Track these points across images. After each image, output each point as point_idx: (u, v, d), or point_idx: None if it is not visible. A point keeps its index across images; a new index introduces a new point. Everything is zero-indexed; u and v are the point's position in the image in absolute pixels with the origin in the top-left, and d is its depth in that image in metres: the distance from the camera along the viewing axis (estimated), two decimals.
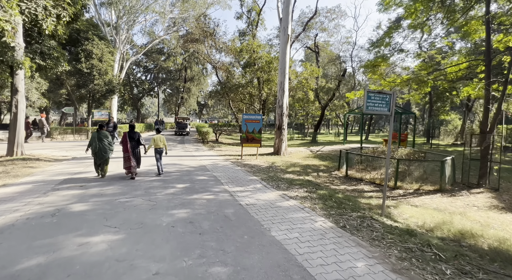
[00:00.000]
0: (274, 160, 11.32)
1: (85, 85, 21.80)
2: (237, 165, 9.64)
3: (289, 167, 10.11)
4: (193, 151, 13.32)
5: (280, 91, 12.76)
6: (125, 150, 6.81)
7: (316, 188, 6.78)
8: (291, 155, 13.14)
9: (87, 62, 21.47)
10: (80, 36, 22.10)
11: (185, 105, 42.79)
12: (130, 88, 40.04)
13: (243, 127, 11.21)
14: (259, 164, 10.31)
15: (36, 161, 8.86)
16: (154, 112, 79.92)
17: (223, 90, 19.93)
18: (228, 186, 6.37)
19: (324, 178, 8.91)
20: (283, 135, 12.79)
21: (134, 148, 7.00)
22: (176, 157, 11.16)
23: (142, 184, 6.22)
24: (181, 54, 38.46)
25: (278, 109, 12.86)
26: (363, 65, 12.48)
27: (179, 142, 18.55)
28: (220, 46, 21.70)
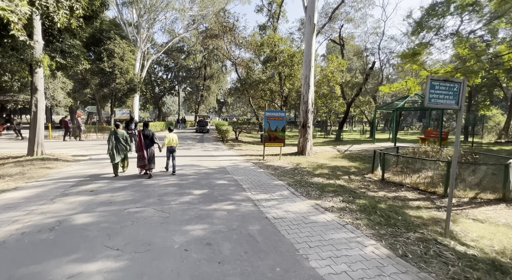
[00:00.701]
0: (299, 161, 10.40)
1: (108, 84, 22.08)
2: (259, 167, 8.84)
3: (316, 169, 9.15)
4: (212, 151, 12.72)
5: (304, 85, 11.76)
6: (140, 148, 6.78)
7: (353, 196, 5.81)
8: (316, 155, 12.12)
9: (109, 62, 21.69)
10: (103, 36, 22.37)
11: (205, 103, 42.74)
12: (151, 87, 40.65)
13: (265, 125, 10.39)
14: (283, 166, 9.45)
15: (54, 162, 8.64)
16: (175, 110, 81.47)
17: (242, 86, 19.20)
18: (251, 193, 5.58)
19: (357, 182, 7.88)
20: (308, 134, 11.80)
21: (148, 147, 6.89)
22: (195, 157, 10.59)
23: (156, 190, 5.61)
24: (200, 51, 38.33)
25: (302, 105, 11.87)
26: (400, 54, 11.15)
27: (198, 140, 18.13)
28: (240, 41, 20.95)
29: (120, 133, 6.88)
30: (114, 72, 21.89)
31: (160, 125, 27.94)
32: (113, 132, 6.82)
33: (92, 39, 22.60)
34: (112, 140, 6.71)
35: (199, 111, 45.06)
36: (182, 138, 19.67)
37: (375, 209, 4.90)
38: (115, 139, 6.76)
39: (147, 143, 6.89)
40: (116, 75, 22.04)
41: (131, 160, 8.14)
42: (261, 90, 18.36)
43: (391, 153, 8.92)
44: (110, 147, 6.66)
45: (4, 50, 7.98)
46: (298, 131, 12.03)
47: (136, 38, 26.93)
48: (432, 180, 7.61)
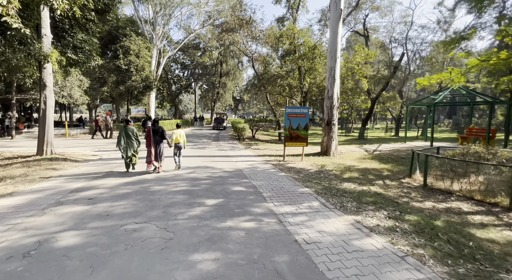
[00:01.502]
0: (324, 163, 9.33)
1: (124, 82, 21.93)
2: (279, 170, 7.88)
3: (344, 173, 8.05)
4: (228, 150, 11.90)
5: (329, 79, 10.61)
6: (148, 144, 6.89)
7: (399, 209, 4.71)
8: (342, 155, 10.96)
9: (125, 59, 21.50)
10: (119, 33, 22.21)
11: (221, 100, 42.24)
12: (168, 85, 40.68)
13: (286, 122, 9.39)
14: (306, 168, 8.43)
15: (61, 162, 8.16)
16: (192, 108, 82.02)
17: (260, 82, 18.24)
18: (273, 204, 4.65)
19: (395, 189, 6.74)
20: (333, 132, 10.66)
21: (157, 143, 6.98)
22: (209, 157, 9.80)
23: (162, 198, 4.81)
24: (216, 48, 37.75)
25: (327, 101, 10.73)
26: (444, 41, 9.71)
27: (214, 139, 17.42)
28: (257, 34, 19.97)
29: (130, 129, 6.92)
30: (130, 70, 21.68)
31: (176, 122, 27.63)
32: (123, 128, 6.89)
33: (108, 36, 22.54)
34: (123, 136, 6.78)
35: (215, 108, 44.66)
36: (197, 136, 19.08)
37: (435, 230, 3.80)
38: (125, 135, 6.82)
39: (157, 139, 6.95)
40: (132, 73, 21.82)
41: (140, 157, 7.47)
42: (280, 85, 17.31)
43: (436, 155, 7.61)
44: (122, 144, 6.74)
45: (9, 44, 7.56)
46: (322, 129, 10.94)
47: (152, 35, 26.69)
48: (486, 188, 6.32)
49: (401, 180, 7.81)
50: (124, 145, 6.76)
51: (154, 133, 6.94)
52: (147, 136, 6.89)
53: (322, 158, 10.27)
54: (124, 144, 6.76)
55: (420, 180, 7.87)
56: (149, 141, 6.86)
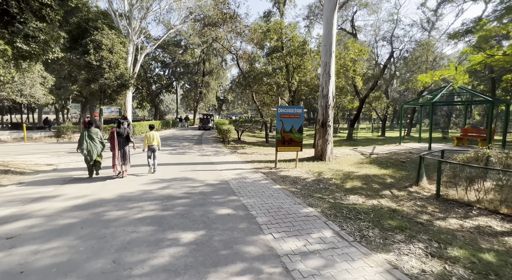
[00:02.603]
0: (320, 169, 8.26)
1: (95, 80, 19.86)
2: (273, 180, 6.68)
3: (345, 181, 7.02)
4: (211, 156, 10.55)
5: (324, 75, 9.57)
6: (113, 147, 6.50)
7: (432, 236, 3.66)
8: (338, 160, 9.97)
9: (96, 54, 19.48)
10: (89, 26, 20.13)
11: (204, 100, 40.51)
12: (147, 84, 38.43)
13: (278, 124, 8.22)
14: (302, 176, 7.31)
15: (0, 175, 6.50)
16: (174, 109, 79.17)
17: (245, 80, 17.00)
18: (272, 237, 3.43)
19: (407, 201, 5.80)
20: (328, 134, 9.63)
21: (122, 145, 6.62)
22: (189, 165, 8.42)
23: (117, 233, 3.44)
24: (198, 45, 36.08)
25: (321, 100, 9.69)
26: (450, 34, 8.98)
27: (196, 142, 15.95)
28: (242, 29, 18.71)
29: (94, 132, 6.49)
30: (102, 66, 19.67)
31: (155, 124, 25.74)
32: (86, 130, 6.43)
33: (78, 30, 20.40)
34: (86, 139, 6.31)
35: (198, 109, 42.85)
36: (177, 139, 17.51)
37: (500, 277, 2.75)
38: (88, 138, 6.36)
39: (121, 142, 6.61)
40: (105, 69, 19.82)
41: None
42: (267, 84, 16.17)
43: (450, 160, 6.72)
44: (84, 147, 6.25)
45: None
46: (316, 131, 9.91)
47: (127, 30, 24.68)
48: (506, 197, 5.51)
49: (409, 188, 6.90)
50: (87, 148, 6.30)
51: (119, 135, 6.60)
52: (111, 138, 6.51)
53: (317, 163, 9.21)
54: (87, 147, 6.30)
55: (429, 188, 7.01)
56: (113, 143, 6.48)
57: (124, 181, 6.20)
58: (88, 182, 6.09)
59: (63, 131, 17.29)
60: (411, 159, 10.07)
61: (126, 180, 6.35)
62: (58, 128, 17.06)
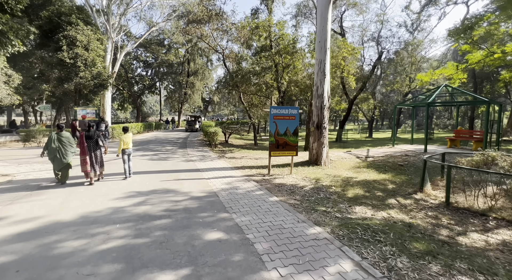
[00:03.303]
0: (317, 175, 7.59)
1: (69, 79, 18.29)
2: (268, 190, 5.89)
3: (346, 189, 6.38)
4: (197, 161, 9.62)
5: (319, 74, 8.93)
6: (82, 152, 6.15)
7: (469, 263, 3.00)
8: (333, 164, 9.35)
9: (70, 51, 17.93)
10: (62, 20, 18.55)
11: (189, 101, 39.19)
12: (129, 84, 36.63)
13: (271, 126, 7.45)
14: (299, 184, 6.59)
15: None
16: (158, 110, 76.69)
17: (232, 80, 16.16)
18: (279, 275, 2.63)
19: (416, 211, 5.25)
20: (324, 137, 8.99)
21: (92, 150, 6.27)
22: (172, 173, 7.46)
23: (67, 278, 2.52)
24: (183, 44, 34.83)
25: (316, 100, 9.04)
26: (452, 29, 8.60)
27: (180, 145, 14.89)
28: (228, 27, 17.86)
29: (65, 136, 6.10)
30: (76, 64, 18.15)
31: (137, 126, 24.29)
32: (55, 135, 6.03)
33: (49, 24, 18.76)
34: (55, 144, 5.93)
35: (183, 110, 41.45)
36: (160, 143, 16.36)
37: None
38: (58, 142, 5.98)
39: (91, 146, 6.25)
40: (79, 68, 18.31)
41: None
42: (255, 84, 15.42)
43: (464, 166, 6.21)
44: (51, 153, 5.90)
45: None
46: (311, 133, 9.25)
47: (106, 27, 23.16)
48: None
49: (414, 196, 6.35)
50: (55, 154, 5.88)
51: (88, 138, 6.22)
52: (80, 143, 6.13)
53: (312, 169, 8.53)
54: (55, 153, 5.88)
55: (435, 195, 6.49)
56: (82, 149, 6.11)
57: (92, 195, 5.19)
58: (46, 198, 5.03)
59: (32, 135, 15.67)
60: (409, 162, 9.63)
61: (94, 193, 5.34)
62: (25, 132, 15.43)
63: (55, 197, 5.07)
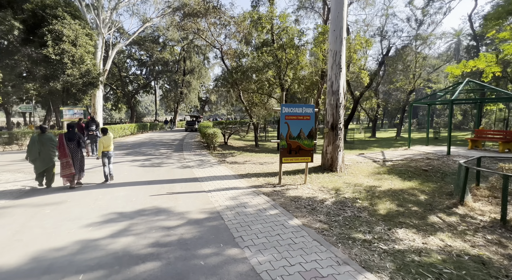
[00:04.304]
0: (335, 184, 6.50)
1: (55, 77, 16.95)
2: (285, 208, 4.76)
3: (374, 202, 5.32)
4: (195, 167, 8.44)
5: (333, 67, 7.82)
6: (63, 155, 5.79)
7: None
8: (350, 169, 8.25)
9: (55, 47, 16.59)
10: (46, 13, 17.19)
11: (185, 101, 37.89)
12: (122, 84, 35.20)
13: (282, 128, 6.32)
14: (318, 197, 5.50)
15: None
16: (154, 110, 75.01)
17: (232, 77, 15.00)
18: None
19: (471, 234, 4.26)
20: (340, 139, 7.89)
21: (74, 152, 5.90)
22: (166, 184, 6.28)
23: None
24: (178, 42, 33.52)
25: (330, 97, 7.92)
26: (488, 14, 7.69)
27: (175, 148, 13.67)
28: (227, 21, 16.68)
29: (47, 137, 5.97)
30: (63, 61, 16.81)
31: (130, 127, 22.99)
32: (37, 136, 5.94)
33: (33, 18, 17.38)
34: (37, 146, 5.78)
35: (179, 110, 40.13)
36: (153, 145, 15.13)
37: None
38: (40, 144, 5.81)
39: (72, 148, 5.94)
40: (66, 65, 16.98)
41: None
42: (256, 81, 14.26)
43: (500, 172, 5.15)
44: (32, 155, 5.78)
45: None
46: (325, 135, 8.14)
47: (96, 22, 21.82)
48: None
49: (455, 210, 5.32)
50: (36, 156, 5.76)
51: (70, 140, 5.91)
52: (60, 146, 5.82)
53: (328, 176, 7.42)
54: (36, 155, 5.77)
55: (480, 209, 5.43)
56: (62, 151, 5.81)
57: (60, 219, 4.01)
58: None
59: (15, 138, 14.35)
60: (434, 167, 8.56)
61: (64, 216, 4.16)
62: (6, 134, 14.09)
63: (9, 223, 3.87)
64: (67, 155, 5.77)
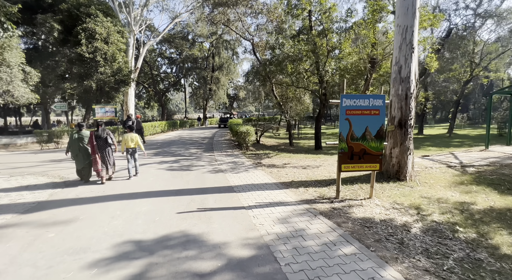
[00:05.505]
0: (412, 200, 4.93)
1: (88, 75, 17.02)
2: (357, 238, 3.34)
3: (483, 231, 3.78)
4: (228, 172, 7.29)
5: (402, 47, 6.11)
6: (92, 151, 6.08)
7: None
8: (421, 177, 6.50)
9: (89, 45, 16.60)
10: (80, 12, 17.26)
11: (214, 98, 37.46)
12: (154, 82, 35.70)
13: (342, 126, 4.86)
14: (396, 220, 4.03)
15: None
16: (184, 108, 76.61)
17: (265, 70, 13.66)
18: None
19: None
20: (409, 140, 6.20)
21: (102, 149, 6.18)
22: (195, 194, 5.16)
23: None
24: (207, 37, 32.94)
25: (397, 86, 6.23)
26: None
27: (205, 148, 12.74)
28: (259, 8, 15.35)
29: (85, 134, 6.16)
30: (95, 59, 16.80)
31: (160, 125, 22.83)
32: (76, 133, 6.13)
33: (69, 19, 17.58)
34: (76, 143, 6.04)
35: (208, 107, 39.86)
36: (183, 143, 14.41)
37: None
38: (79, 141, 6.06)
39: (101, 145, 6.15)
40: (99, 63, 16.95)
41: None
42: (293, 73, 12.73)
43: None
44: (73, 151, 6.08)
45: None
46: (388, 134, 6.49)
47: (128, 19, 21.80)
48: None
49: None
50: (76, 153, 6.04)
51: (97, 138, 6.11)
52: (90, 142, 6.04)
53: (395, 186, 5.81)
54: (76, 152, 6.04)
55: None
56: (92, 148, 6.03)
57: (59, 251, 3.03)
58: None
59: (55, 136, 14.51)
60: None
61: (67, 244, 3.19)
62: (43, 133, 14.30)
63: None
64: (95, 152, 6.03)
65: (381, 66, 11.47)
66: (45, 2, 17.47)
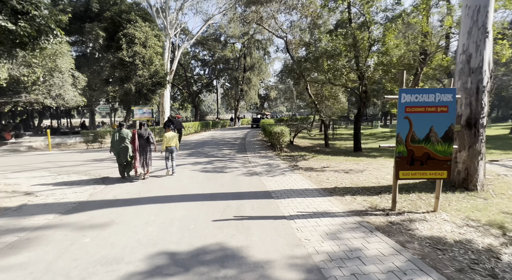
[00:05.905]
0: (488, 215, 4.03)
1: (128, 78, 17.91)
2: (432, 266, 2.66)
3: None
4: (263, 175, 6.87)
5: (473, 32, 5.14)
6: (133, 149, 6.38)
7: None
8: (494, 186, 5.43)
9: (129, 50, 17.45)
10: (122, 19, 18.23)
11: (245, 98, 37.53)
12: (188, 84, 36.87)
13: (400, 126, 4.14)
14: (475, 242, 3.18)
15: None
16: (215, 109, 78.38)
17: (299, 67, 13.01)
18: None
19: None
20: (480, 143, 5.20)
21: (143, 147, 6.46)
22: (231, 200, 4.82)
23: None
24: (239, 38, 33.05)
25: (465, 79, 5.26)
26: None
27: (238, 148, 12.50)
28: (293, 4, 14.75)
29: (125, 133, 6.41)
30: (135, 62, 17.62)
31: (194, 125, 23.32)
32: (117, 132, 6.37)
33: (112, 26, 18.70)
34: (117, 141, 6.30)
35: (239, 108, 40.08)
36: (216, 144, 14.36)
37: None
38: (120, 139, 6.32)
39: (142, 143, 6.45)
40: (138, 66, 17.74)
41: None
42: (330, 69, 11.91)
43: None
44: (115, 149, 6.35)
45: None
46: (457, 135, 5.53)
47: (164, 23, 22.61)
48: None
49: None
50: (118, 150, 6.31)
51: (140, 137, 6.41)
52: (133, 141, 6.33)
53: (464, 197, 4.87)
54: (118, 149, 6.31)
55: None
56: (134, 145, 6.31)
57: (92, 261, 2.85)
58: (14, 265, 2.87)
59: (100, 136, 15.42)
60: None
61: (100, 253, 3.01)
62: (89, 133, 15.28)
63: (35, 261, 2.86)
64: (135, 150, 6.31)
65: (434, 58, 10.19)
66: (93, 12, 18.77)
